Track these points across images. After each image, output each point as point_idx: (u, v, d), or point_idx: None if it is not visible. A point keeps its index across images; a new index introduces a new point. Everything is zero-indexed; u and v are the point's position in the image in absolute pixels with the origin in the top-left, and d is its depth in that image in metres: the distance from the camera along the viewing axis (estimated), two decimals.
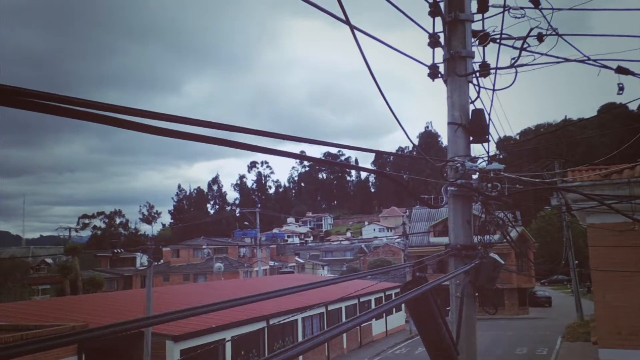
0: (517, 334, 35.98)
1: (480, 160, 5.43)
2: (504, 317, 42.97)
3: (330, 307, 31.04)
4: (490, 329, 34.32)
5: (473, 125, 5.41)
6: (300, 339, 27.86)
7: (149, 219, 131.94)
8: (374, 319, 35.77)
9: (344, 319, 29.10)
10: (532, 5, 5.72)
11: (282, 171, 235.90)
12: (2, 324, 17.62)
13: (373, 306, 35.63)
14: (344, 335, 31.32)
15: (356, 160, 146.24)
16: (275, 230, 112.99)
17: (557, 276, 68.20)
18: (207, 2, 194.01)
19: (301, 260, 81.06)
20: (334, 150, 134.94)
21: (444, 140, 5.92)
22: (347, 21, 3.63)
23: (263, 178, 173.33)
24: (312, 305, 25.82)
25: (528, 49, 5.52)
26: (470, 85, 5.56)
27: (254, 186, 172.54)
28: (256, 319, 24.10)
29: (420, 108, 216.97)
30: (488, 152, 5.73)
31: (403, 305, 30.48)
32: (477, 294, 5.37)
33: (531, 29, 5.49)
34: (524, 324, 41.67)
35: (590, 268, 14.32)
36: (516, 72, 5.51)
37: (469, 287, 5.21)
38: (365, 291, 29.43)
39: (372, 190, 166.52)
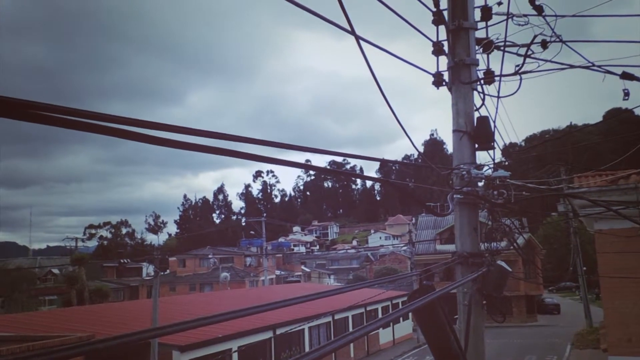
0: (526, 341, 35.69)
1: (485, 168, 5.42)
2: (512, 325, 42.62)
3: (337, 317, 30.92)
4: (498, 337, 34.07)
5: (478, 133, 5.40)
6: (307, 348, 27.74)
7: (155, 228, 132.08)
8: (381, 328, 35.61)
9: (350, 328, 28.98)
10: (535, 13, 5.72)
11: (288, 180, 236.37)
12: (9, 334, 17.64)
13: (380, 315, 35.48)
14: (351, 344, 31.16)
15: (361, 169, 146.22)
16: (281, 240, 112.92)
17: (565, 283, 67.70)
18: (211, 13, 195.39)
19: (307, 269, 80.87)
20: (339, 159, 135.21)
21: (449, 147, 5.87)
22: (352, 31, 3.64)
23: (268, 187, 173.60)
24: (318, 314, 25.73)
25: (532, 56, 5.53)
26: (475, 92, 5.56)
27: (259, 195, 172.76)
28: (263, 328, 24.02)
29: (425, 116, 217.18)
30: (494, 159, 5.72)
31: (410, 314, 30.31)
32: (484, 302, 5.34)
33: (535, 36, 5.50)
34: (532, 331, 41.33)
35: (598, 274, 14.22)
36: (520, 79, 5.52)
37: (476, 295, 5.18)
38: (372, 300, 29.31)
39: (378, 198, 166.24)
